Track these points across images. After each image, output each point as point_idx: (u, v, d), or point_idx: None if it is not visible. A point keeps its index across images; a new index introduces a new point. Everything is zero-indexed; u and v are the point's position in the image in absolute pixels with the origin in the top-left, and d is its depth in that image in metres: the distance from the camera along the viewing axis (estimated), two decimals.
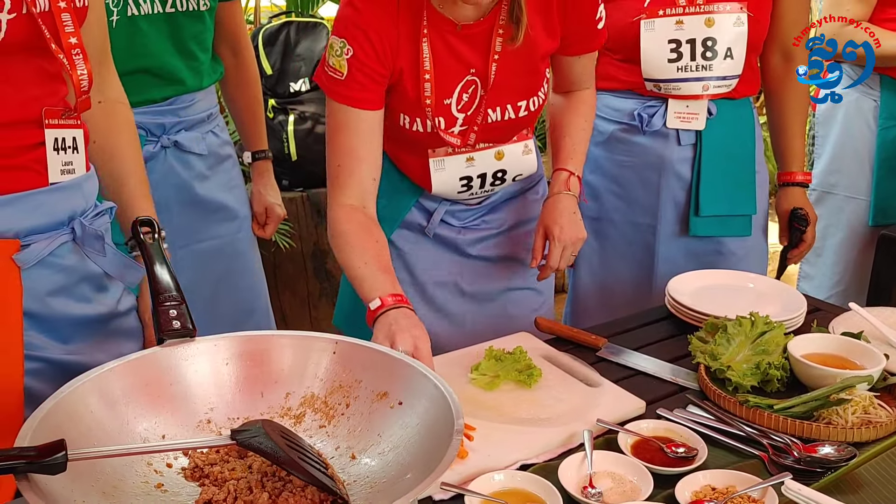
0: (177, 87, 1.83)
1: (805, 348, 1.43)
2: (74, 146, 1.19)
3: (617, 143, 2.04)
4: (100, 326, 1.23)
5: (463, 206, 1.75)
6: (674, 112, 1.94)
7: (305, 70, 3.22)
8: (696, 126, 1.94)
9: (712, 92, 1.91)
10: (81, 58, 1.13)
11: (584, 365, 1.47)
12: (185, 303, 1.13)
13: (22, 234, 1.12)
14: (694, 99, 1.92)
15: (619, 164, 2.04)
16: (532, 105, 1.62)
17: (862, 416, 1.27)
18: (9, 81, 1.09)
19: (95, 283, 1.24)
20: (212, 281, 1.97)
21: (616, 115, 2.03)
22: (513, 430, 1.27)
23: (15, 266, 1.11)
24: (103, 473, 0.93)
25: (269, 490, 0.96)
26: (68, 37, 1.11)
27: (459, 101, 1.55)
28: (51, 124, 1.14)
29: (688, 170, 1.99)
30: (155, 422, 1.03)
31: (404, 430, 1.02)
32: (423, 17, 1.47)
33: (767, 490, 1.11)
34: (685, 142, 1.97)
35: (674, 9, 1.87)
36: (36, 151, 1.14)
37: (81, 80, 1.14)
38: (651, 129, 1.97)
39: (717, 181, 1.97)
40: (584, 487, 1.13)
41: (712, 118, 1.94)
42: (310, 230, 3.33)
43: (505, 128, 1.62)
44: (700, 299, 1.67)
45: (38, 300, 1.14)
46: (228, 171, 2.00)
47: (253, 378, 1.11)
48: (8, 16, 1.04)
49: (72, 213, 1.19)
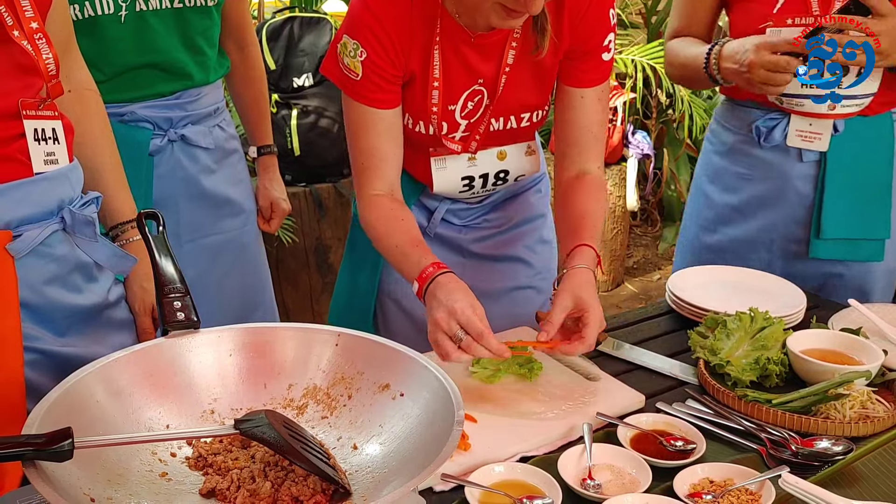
0: (184, 82, 1.84)
1: (804, 344, 1.44)
2: (55, 137, 1.20)
3: (738, 154, 1.92)
4: (92, 317, 1.25)
5: (464, 205, 1.75)
6: (795, 130, 1.81)
7: (309, 65, 3.23)
8: (818, 147, 1.79)
9: (840, 112, 1.77)
10: (45, 42, 1.14)
11: (584, 359, 1.48)
12: (189, 294, 1.15)
13: (13, 224, 1.14)
14: (819, 118, 1.78)
15: (738, 175, 1.93)
16: (535, 117, 1.61)
17: (860, 411, 1.28)
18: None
19: (86, 272, 1.25)
20: (218, 275, 1.98)
21: (736, 126, 1.92)
22: (513, 423, 1.28)
23: (9, 256, 1.13)
24: (108, 462, 0.94)
25: (271, 479, 0.97)
26: (29, 21, 1.12)
27: (464, 108, 1.55)
28: (28, 115, 1.16)
29: (810, 188, 1.84)
30: (159, 412, 1.05)
31: (405, 422, 1.04)
32: (437, 25, 1.46)
33: (765, 483, 1.12)
34: (808, 158, 1.83)
35: (805, 18, 1.71)
36: (18, 142, 1.15)
37: (48, 64, 1.15)
38: (770, 143, 1.84)
39: (842, 202, 1.82)
40: (583, 479, 1.15)
41: (839, 135, 1.79)
42: (312, 225, 3.35)
43: (506, 136, 1.62)
44: (700, 295, 1.68)
45: (33, 290, 1.16)
46: (234, 166, 2.01)
47: (256, 369, 1.12)
48: None
49: (60, 202, 1.21)
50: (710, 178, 2.00)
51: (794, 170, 1.85)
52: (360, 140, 1.51)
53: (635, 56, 4.30)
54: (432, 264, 1.38)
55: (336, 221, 3.40)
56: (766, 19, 1.75)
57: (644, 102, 4.65)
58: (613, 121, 4.22)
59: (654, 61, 4.27)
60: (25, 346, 1.13)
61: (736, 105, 1.93)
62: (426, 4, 1.45)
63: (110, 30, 1.71)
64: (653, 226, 5.15)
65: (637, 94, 4.41)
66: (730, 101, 1.94)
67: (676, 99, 4.29)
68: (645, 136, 4.39)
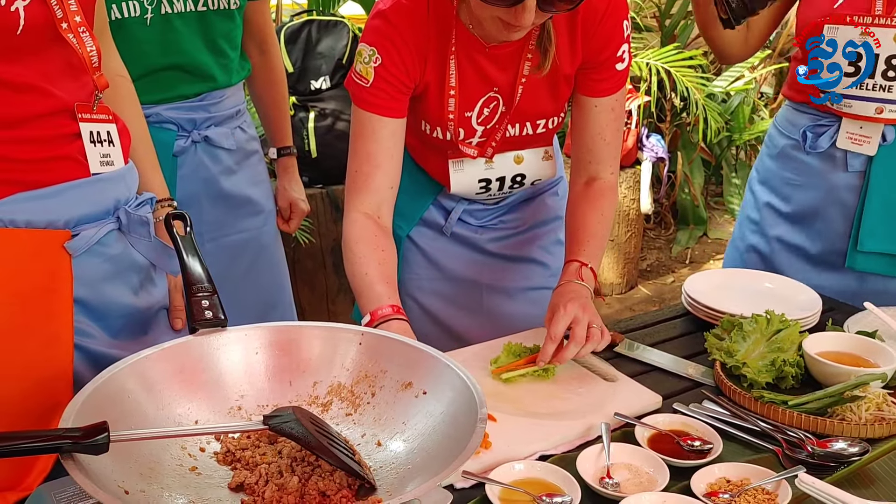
0: (208, 84, 1.88)
1: (820, 346, 1.45)
2: (110, 140, 1.23)
3: (787, 160, 1.93)
4: (146, 319, 1.27)
5: (480, 206, 1.77)
6: (846, 132, 1.80)
7: (326, 68, 3.26)
8: (867, 151, 1.78)
9: (888, 116, 1.74)
10: (88, 35, 1.17)
11: (601, 360, 1.50)
12: (216, 293, 1.17)
13: (71, 223, 1.16)
14: (868, 121, 1.76)
15: (786, 180, 1.94)
16: (551, 123, 1.63)
17: (875, 413, 1.29)
18: (40, 72, 1.13)
19: (141, 273, 1.28)
20: (238, 273, 2.01)
21: (789, 130, 1.93)
22: (532, 422, 1.30)
23: (66, 254, 1.15)
24: (141, 456, 0.97)
25: (298, 474, 1.00)
26: (74, 15, 1.14)
27: (480, 114, 1.57)
28: (84, 118, 1.19)
29: (854, 199, 1.84)
30: (188, 407, 1.07)
31: (429, 419, 1.06)
32: (453, 36, 1.48)
33: (781, 483, 1.14)
34: (853, 168, 1.82)
35: (864, 17, 1.70)
36: (75, 143, 1.18)
37: (91, 55, 1.17)
38: (816, 149, 1.85)
39: (884, 214, 1.81)
40: (601, 478, 1.16)
41: (887, 145, 1.77)
42: (328, 226, 3.37)
43: (523, 141, 1.64)
44: (716, 297, 1.70)
45: (89, 287, 1.18)
46: (255, 166, 2.04)
47: (282, 367, 1.14)
48: (23, 2, 1.07)
49: (116, 202, 1.24)
50: (760, 179, 2.00)
51: (839, 179, 1.84)
52: (358, 145, 1.52)
53: (650, 59, 4.31)
54: (392, 306, 1.40)
55: None
56: (827, 14, 1.73)
57: (658, 106, 4.66)
58: (628, 124, 4.22)
59: (669, 64, 4.28)
60: (77, 344, 1.16)
61: (792, 109, 1.92)
62: (442, 15, 1.47)
63: (136, 32, 1.75)
64: (666, 229, 5.15)
65: (651, 97, 4.42)
66: (789, 105, 1.94)
67: (691, 102, 4.29)
68: (659, 140, 4.39)
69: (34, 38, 1.10)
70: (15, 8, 1.06)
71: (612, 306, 4.29)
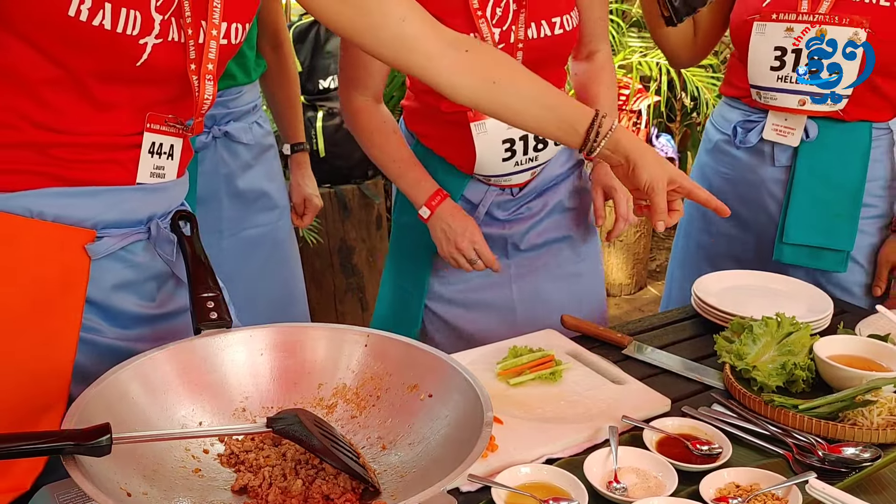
0: (227, 82, 1.92)
1: (831, 349, 1.44)
2: (170, 153, 1.20)
3: (720, 154, 2.00)
4: (162, 320, 1.25)
5: (507, 196, 1.76)
6: (772, 124, 1.87)
7: (335, 67, 3.25)
8: (790, 142, 1.86)
9: (810, 108, 1.80)
10: (212, 83, 1.15)
11: (608, 363, 1.48)
12: (221, 294, 1.17)
13: (100, 226, 1.14)
14: (792, 113, 1.83)
15: (720, 175, 2.00)
16: (567, 23, 1.65)
17: (887, 418, 1.28)
18: (142, 99, 1.12)
19: (164, 282, 1.25)
20: (255, 268, 2.05)
21: (723, 125, 1.99)
22: (539, 425, 1.29)
23: (86, 256, 1.13)
24: (144, 458, 0.96)
25: (302, 477, 0.99)
26: (208, 63, 1.13)
27: (493, 15, 1.59)
28: (151, 128, 1.16)
29: (781, 193, 1.91)
30: (192, 409, 1.06)
31: (434, 422, 1.05)
32: None
33: (791, 488, 1.12)
34: (780, 163, 1.90)
35: (789, 14, 1.78)
36: (131, 151, 1.16)
37: (205, 101, 1.16)
38: (745, 144, 1.92)
39: (808, 208, 1.87)
40: (609, 482, 1.15)
41: (810, 140, 1.84)
42: (336, 226, 3.37)
43: (546, 48, 1.64)
44: (726, 299, 1.68)
45: (102, 291, 1.16)
46: (270, 162, 2.08)
47: (287, 368, 1.13)
48: (155, 40, 1.07)
49: (151, 215, 1.21)
50: (697, 174, 2.07)
51: (767, 173, 1.93)
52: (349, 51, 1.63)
53: (659, 59, 4.29)
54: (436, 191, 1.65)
55: (360, 222, 3.42)
56: (756, 12, 1.81)
57: (668, 106, 4.63)
58: (638, 124, 4.21)
59: None
60: (83, 338, 1.14)
61: (726, 105, 1.99)
62: None
63: None
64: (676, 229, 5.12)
65: (661, 97, 4.40)
66: (724, 100, 2.00)
67: (700, 102, 4.27)
68: (669, 140, 4.37)
69: (152, 73, 1.10)
70: (144, 42, 1.06)
71: (620, 307, 4.27)
